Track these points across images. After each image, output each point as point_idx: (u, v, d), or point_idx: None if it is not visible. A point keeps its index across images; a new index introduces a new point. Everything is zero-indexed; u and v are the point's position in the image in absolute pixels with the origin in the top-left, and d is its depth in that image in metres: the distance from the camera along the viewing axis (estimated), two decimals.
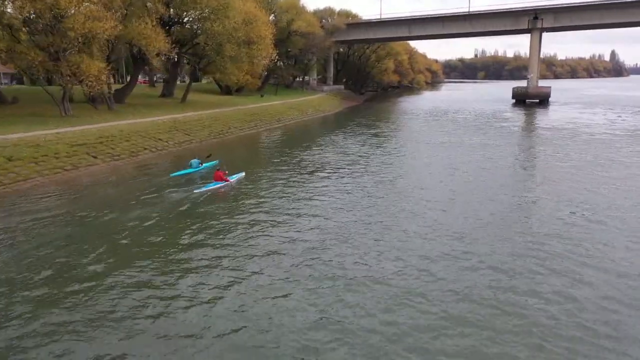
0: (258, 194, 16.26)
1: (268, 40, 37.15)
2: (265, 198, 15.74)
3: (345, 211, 14.02)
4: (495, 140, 28.81)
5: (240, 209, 14.56)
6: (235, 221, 13.10)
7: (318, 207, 14.46)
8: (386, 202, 15.07)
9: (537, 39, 62.39)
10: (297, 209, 14.26)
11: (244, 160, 23.19)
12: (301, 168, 20.82)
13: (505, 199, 15.27)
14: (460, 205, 14.56)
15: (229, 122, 33.47)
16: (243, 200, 15.58)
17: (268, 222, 12.97)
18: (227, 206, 14.89)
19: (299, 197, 15.88)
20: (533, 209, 14.40)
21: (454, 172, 19.53)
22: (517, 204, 14.86)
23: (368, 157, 23.23)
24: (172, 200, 15.52)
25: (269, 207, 14.54)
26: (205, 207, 14.67)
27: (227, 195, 16.27)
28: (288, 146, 28.33)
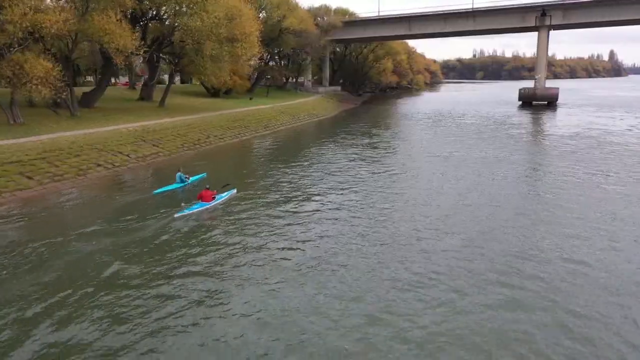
0: (241, 220, 13.70)
1: (254, 38, 33.22)
2: (248, 224, 13.35)
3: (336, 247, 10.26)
4: (509, 152, 24.94)
5: (224, 240, 12.06)
6: (220, 257, 10.83)
7: (293, 245, 10.72)
8: (385, 245, 11.28)
9: (545, 37, 58.71)
10: (273, 247, 10.98)
11: (220, 177, 19.34)
12: (281, 190, 17.00)
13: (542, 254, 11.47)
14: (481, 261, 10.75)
15: (209, 130, 29.59)
16: (228, 228, 13.09)
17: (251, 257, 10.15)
18: (212, 236, 12.39)
19: (278, 230, 12.14)
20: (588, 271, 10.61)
21: (465, 201, 15.68)
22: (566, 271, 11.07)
23: (363, 178, 19.35)
24: (144, 231, 12.53)
25: (250, 235, 12.39)
26: (185, 239, 12.14)
27: (213, 220, 13.85)
28: (273, 159, 24.49)
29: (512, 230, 12.49)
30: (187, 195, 15.98)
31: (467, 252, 11.02)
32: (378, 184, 17.92)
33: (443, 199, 15.74)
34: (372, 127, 37.81)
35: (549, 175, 19.13)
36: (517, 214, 13.99)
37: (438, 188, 17.19)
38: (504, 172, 19.75)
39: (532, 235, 12.19)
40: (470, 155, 23.89)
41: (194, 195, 15.19)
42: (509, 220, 13.31)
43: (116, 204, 15.47)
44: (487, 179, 18.44)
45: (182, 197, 15.56)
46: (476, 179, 18.53)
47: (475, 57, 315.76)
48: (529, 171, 20.16)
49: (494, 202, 15.30)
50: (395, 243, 11.68)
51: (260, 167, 22.96)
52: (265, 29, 50.11)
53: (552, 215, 13.86)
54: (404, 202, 15.50)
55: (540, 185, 17.59)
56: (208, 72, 31.85)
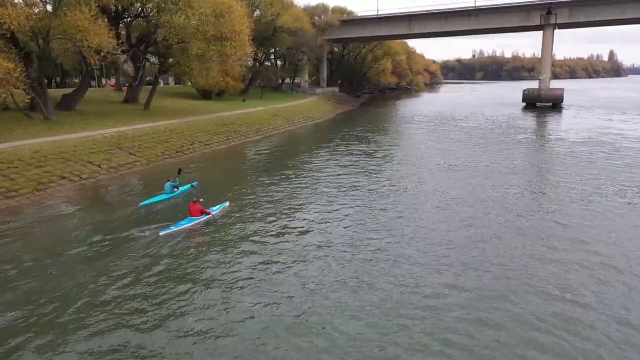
0: (224, 239, 12.23)
1: (244, 36, 31.02)
2: (237, 242, 12.00)
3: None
4: (518, 162, 22.69)
5: (213, 263, 10.67)
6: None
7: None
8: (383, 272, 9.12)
9: (550, 36, 56.65)
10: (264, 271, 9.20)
11: (204, 189, 17.16)
12: (268, 205, 14.83)
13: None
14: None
15: (194, 135, 27.38)
16: (215, 248, 11.63)
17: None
18: (199, 258, 10.96)
19: (270, 251, 10.01)
20: None
21: (473, 224, 13.52)
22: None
23: (356, 194, 17.17)
24: (124, 253, 11.06)
25: (240, 256, 11.06)
26: (171, 262, 10.65)
27: (201, 237, 12.40)
28: (261, 168, 22.29)
29: (526, 274, 10.32)
30: (176, 207, 14.84)
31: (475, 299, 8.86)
32: (373, 200, 15.75)
33: (445, 221, 13.57)
34: (370, 132, 35.52)
35: (569, 192, 16.92)
36: (532, 245, 11.81)
37: (439, 207, 15.02)
38: (514, 188, 17.42)
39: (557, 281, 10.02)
40: (475, 165, 21.65)
41: (184, 208, 13.74)
42: (523, 257, 11.12)
43: (82, 224, 13.39)
44: (495, 197, 16.16)
45: (170, 209, 14.51)
46: (483, 195, 16.28)
47: (474, 57, 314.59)
48: (543, 187, 17.83)
49: (504, 227, 13.13)
50: (392, 275, 9.53)
51: (246, 177, 20.77)
52: (258, 27, 48.03)
53: (581, 250, 11.70)
54: (400, 223, 13.33)
55: (561, 207, 15.24)
56: (194, 72, 29.63)
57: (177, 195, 16.42)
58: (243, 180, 20.08)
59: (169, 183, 16.51)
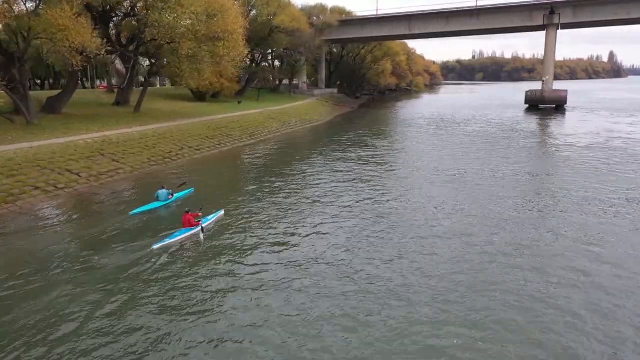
0: (218, 251, 11.64)
1: (237, 36, 29.74)
2: (233, 255, 11.38)
3: None
4: (525, 170, 21.36)
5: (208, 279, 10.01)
6: None
7: None
8: None
9: (553, 36, 55.42)
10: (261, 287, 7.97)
11: (192, 196, 15.91)
12: (255, 219, 13.54)
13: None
14: None
15: (183, 140, 26.08)
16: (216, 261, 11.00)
17: None
18: (195, 273, 10.29)
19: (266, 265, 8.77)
20: None
21: (473, 243, 12.25)
22: None
23: (349, 205, 15.89)
24: (111, 269, 10.33)
25: (236, 270, 10.44)
26: (166, 277, 9.97)
27: (197, 249, 11.73)
28: (252, 176, 21.00)
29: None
30: (170, 216, 14.26)
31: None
32: (366, 214, 14.43)
33: (444, 237, 12.29)
34: (368, 136, 34.01)
35: (584, 205, 15.63)
36: (540, 270, 10.53)
37: (438, 220, 13.76)
38: (522, 200, 16.07)
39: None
40: (478, 173, 20.20)
41: (179, 217, 13.15)
42: (529, 283, 9.86)
43: (57, 239, 12.20)
44: (501, 211, 14.78)
45: (164, 218, 13.96)
46: (486, 209, 14.93)
47: (474, 58, 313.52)
48: (553, 200, 16.40)
49: (511, 246, 11.85)
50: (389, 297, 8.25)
51: (236, 184, 19.49)
52: (254, 27, 46.80)
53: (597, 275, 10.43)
54: (397, 244, 12.04)
55: (573, 224, 14.05)
56: (185, 73, 28.35)
57: (171, 203, 15.58)
58: (233, 188, 18.81)
59: (164, 190, 15.58)
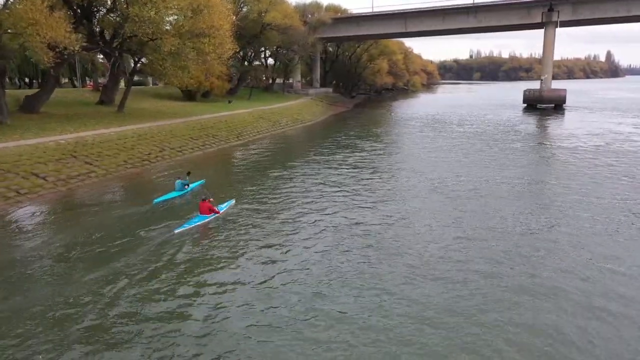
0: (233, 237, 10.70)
1: (224, 32, 28.37)
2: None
3: None
4: (527, 176, 20.10)
5: None
6: None
7: None
8: None
9: (552, 34, 54.25)
10: None
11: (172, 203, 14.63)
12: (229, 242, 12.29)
13: None
14: None
15: (166, 141, 24.75)
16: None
17: None
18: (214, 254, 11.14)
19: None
20: None
21: (476, 269, 10.99)
22: None
23: (334, 220, 14.62)
24: (142, 252, 11.14)
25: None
26: (190, 257, 10.90)
27: (215, 234, 12.62)
28: (233, 181, 19.66)
29: None
30: (186, 204, 15.34)
31: None
32: (351, 229, 13.14)
33: (442, 258, 11.03)
34: (360, 138, 32.43)
35: (595, 220, 14.39)
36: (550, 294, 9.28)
37: (434, 235, 12.49)
38: (525, 212, 14.73)
39: None
40: (477, 180, 18.72)
41: (194, 205, 14.39)
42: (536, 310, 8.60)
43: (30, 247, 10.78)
44: (501, 227, 13.39)
45: (181, 206, 15.10)
46: (487, 225, 13.57)
47: (471, 57, 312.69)
48: (559, 213, 15.16)
49: (516, 274, 10.61)
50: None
51: (217, 188, 18.18)
52: (246, 24, 45.53)
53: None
54: (385, 272, 10.78)
55: (584, 242, 12.72)
56: (168, 72, 26.99)
57: (187, 193, 16.77)
58: (215, 191, 17.51)
59: (180, 181, 16.73)
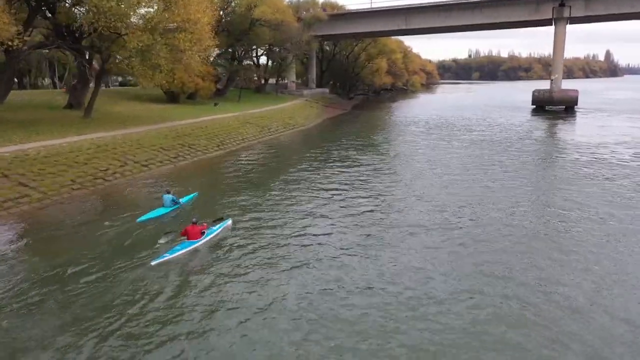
0: None
1: (203, 26, 24.75)
2: None
3: None
4: (546, 196, 16.73)
5: None
6: None
7: None
8: None
9: (562, 31, 50.87)
10: None
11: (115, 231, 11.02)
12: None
13: None
14: None
15: (130, 153, 21.07)
16: None
17: None
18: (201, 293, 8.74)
19: None
20: None
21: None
22: None
23: (322, 252, 11.04)
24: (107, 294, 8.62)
25: None
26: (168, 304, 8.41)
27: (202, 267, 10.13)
28: (204, 203, 16.01)
29: None
30: (177, 223, 13.09)
31: None
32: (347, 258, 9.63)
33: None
34: (358, 148, 28.30)
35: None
36: None
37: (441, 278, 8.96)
38: (546, 248, 11.40)
39: None
40: (489, 201, 15.43)
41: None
42: None
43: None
44: (517, 262, 10.11)
45: (168, 225, 12.86)
46: (500, 259, 10.22)
47: (470, 57, 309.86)
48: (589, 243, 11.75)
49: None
50: None
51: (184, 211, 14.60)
52: (233, 19, 42.03)
53: None
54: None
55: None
56: (136, 71, 23.35)
57: (179, 208, 14.64)
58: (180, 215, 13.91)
59: (169, 196, 14.50)
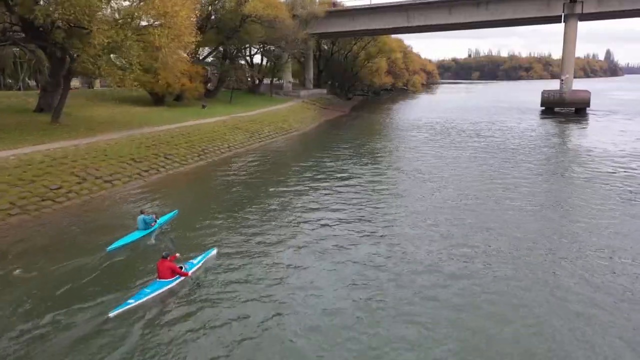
0: None
1: (181, 21, 21.74)
2: None
3: None
4: (568, 219, 13.85)
5: None
6: None
7: None
8: None
9: (574, 28, 47.95)
10: None
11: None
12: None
13: None
14: None
15: (92, 166, 18.04)
16: None
17: None
18: None
19: None
20: None
21: None
22: None
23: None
24: None
25: None
26: None
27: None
28: (175, 229, 13.07)
29: None
30: (154, 248, 11.19)
31: None
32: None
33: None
34: (356, 157, 25.31)
35: None
36: None
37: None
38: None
39: None
40: (505, 224, 12.78)
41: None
42: None
43: None
44: None
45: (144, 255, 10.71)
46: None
47: (470, 56, 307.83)
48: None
49: None
50: None
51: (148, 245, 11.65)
52: (223, 15, 39.11)
53: None
54: None
55: None
56: (103, 71, 20.34)
57: (156, 231, 12.81)
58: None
59: (143, 216, 12.70)
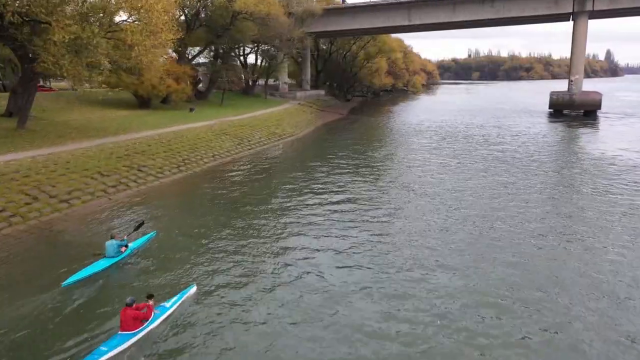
0: None
1: (156, 15, 19.30)
2: None
3: None
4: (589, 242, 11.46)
5: None
6: None
7: None
8: None
9: (584, 26, 45.70)
10: None
11: None
12: None
13: None
14: None
15: (48, 183, 15.59)
16: None
17: None
18: None
19: None
20: None
21: None
22: None
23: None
24: None
25: None
26: None
27: None
28: (142, 257, 10.70)
29: None
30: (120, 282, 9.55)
31: None
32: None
33: None
34: (353, 168, 22.84)
35: None
36: None
37: None
38: None
39: None
40: (519, 252, 10.46)
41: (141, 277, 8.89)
42: None
43: None
44: None
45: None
46: None
47: (470, 57, 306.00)
48: None
49: None
50: None
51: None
52: (213, 12, 36.76)
53: None
54: None
55: None
56: (66, 72, 17.91)
57: (125, 258, 10.91)
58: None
59: (114, 241, 10.87)
